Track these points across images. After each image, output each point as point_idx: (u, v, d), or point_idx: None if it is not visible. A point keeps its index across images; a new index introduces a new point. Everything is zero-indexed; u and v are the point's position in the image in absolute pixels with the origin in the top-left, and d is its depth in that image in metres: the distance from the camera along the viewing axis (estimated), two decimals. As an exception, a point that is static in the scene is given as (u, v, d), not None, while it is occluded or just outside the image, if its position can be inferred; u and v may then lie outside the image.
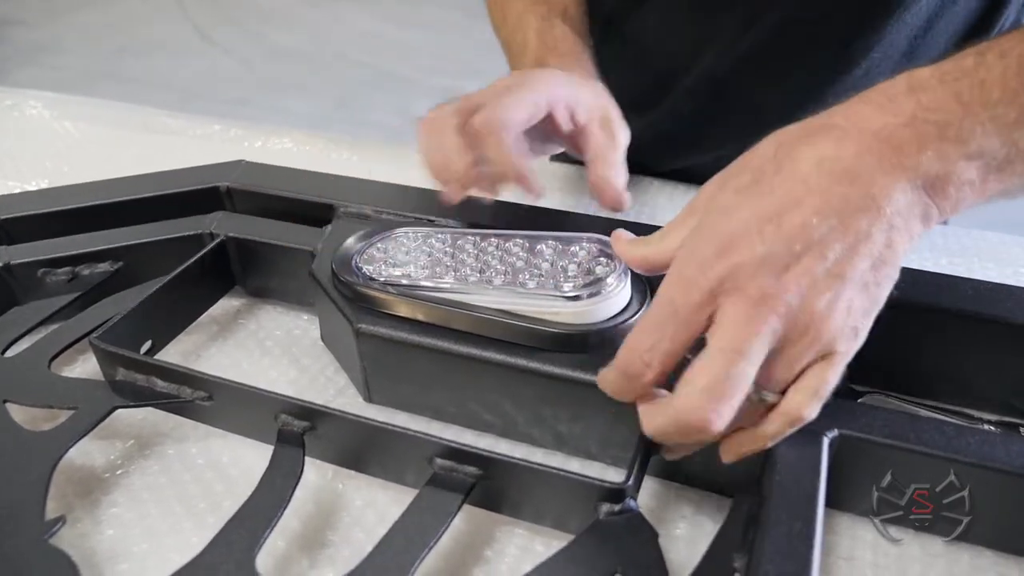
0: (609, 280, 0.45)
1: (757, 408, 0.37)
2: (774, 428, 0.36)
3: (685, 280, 0.35)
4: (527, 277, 0.46)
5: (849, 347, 0.36)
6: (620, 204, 0.52)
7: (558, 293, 0.45)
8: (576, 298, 0.44)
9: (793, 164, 0.35)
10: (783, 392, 0.36)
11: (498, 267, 0.47)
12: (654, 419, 0.36)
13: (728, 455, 0.38)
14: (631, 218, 0.55)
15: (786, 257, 0.34)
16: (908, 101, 0.35)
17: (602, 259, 0.47)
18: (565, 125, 0.52)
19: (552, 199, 0.73)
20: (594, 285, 0.45)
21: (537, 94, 0.51)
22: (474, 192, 0.51)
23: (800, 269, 0.34)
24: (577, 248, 0.48)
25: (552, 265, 0.47)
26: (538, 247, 0.49)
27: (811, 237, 0.34)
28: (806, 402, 0.36)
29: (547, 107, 0.51)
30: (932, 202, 0.35)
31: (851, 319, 0.35)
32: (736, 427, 0.37)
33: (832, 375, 0.36)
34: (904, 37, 0.63)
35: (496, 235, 0.51)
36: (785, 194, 0.35)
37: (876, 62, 0.64)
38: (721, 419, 0.34)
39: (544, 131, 0.53)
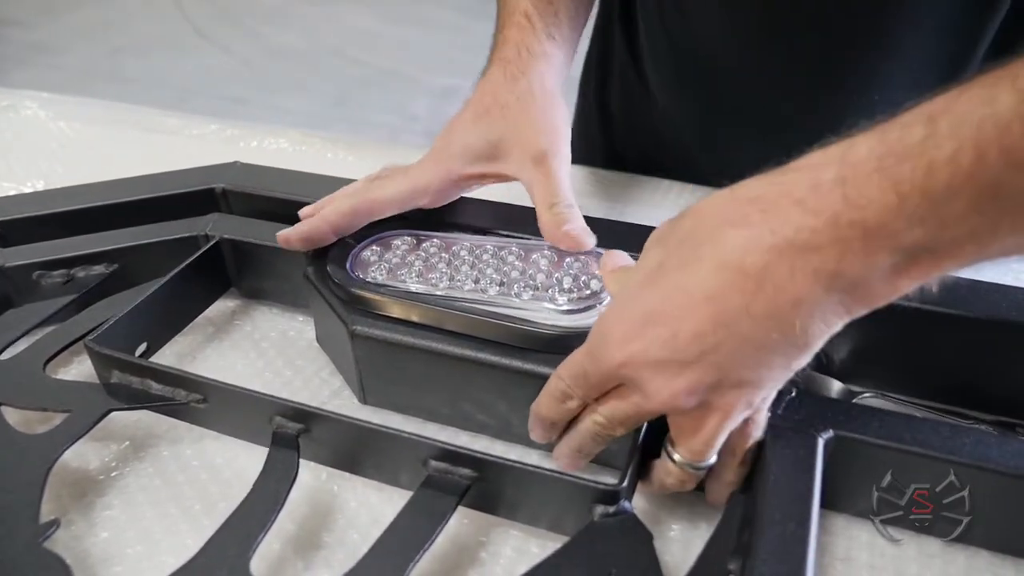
0: (604, 295, 0.45)
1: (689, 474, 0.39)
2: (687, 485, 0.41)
3: (593, 356, 0.38)
4: (522, 288, 0.46)
5: (741, 417, 0.37)
6: (582, 246, 0.49)
7: (552, 306, 0.45)
8: (570, 312, 0.45)
9: (698, 263, 0.34)
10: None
11: (493, 276, 0.48)
12: (566, 444, 0.42)
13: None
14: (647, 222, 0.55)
15: (678, 364, 0.34)
16: (833, 195, 0.30)
17: (598, 273, 0.47)
18: (491, 179, 0.54)
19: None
20: (589, 299, 0.45)
21: (424, 182, 0.53)
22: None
23: (693, 376, 0.34)
24: (572, 260, 0.48)
25: (547, 276, 0.47)
26: (533, 256, 0.49)
27: (704, 347, 0.33)
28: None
29: (445, 182, 0.53)
30: (854, 300, 0.32)
31: (744, 409, 0.37)
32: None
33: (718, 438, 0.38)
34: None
35: (493, 243, 0.51)
36: (684, 298, 0.34)
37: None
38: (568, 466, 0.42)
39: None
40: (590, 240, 0.49)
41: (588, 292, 0.46)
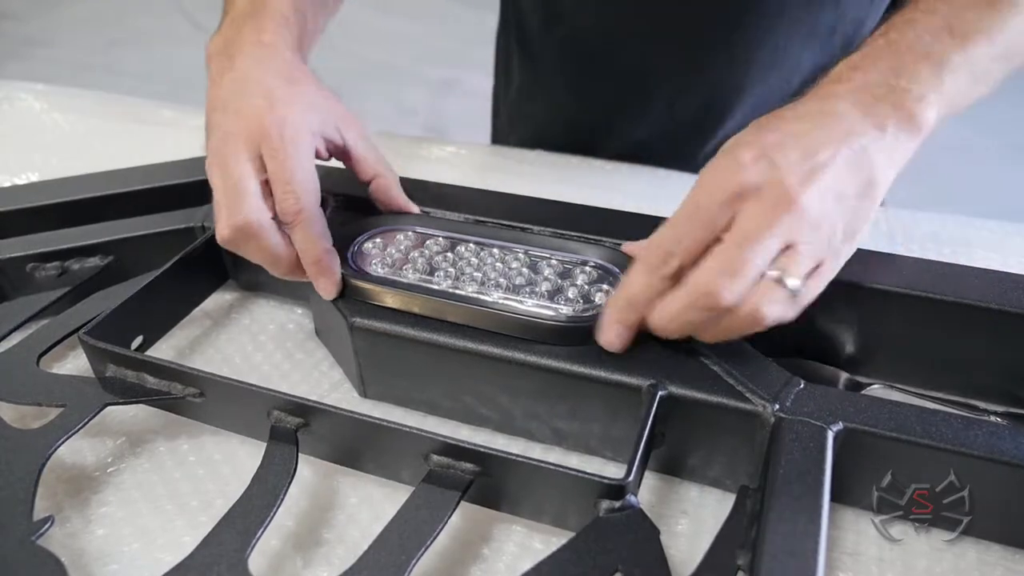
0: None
1: (772, 291, 0.39)
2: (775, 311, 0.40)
3: (712, 186, 0.40)
4: (526, 295, 0.46)
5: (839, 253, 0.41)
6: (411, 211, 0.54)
7: (554, 320, 0.44)
8: (571, 320, 0.44)
9: (790, 128, 0.41)
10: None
11: (500, 281, 0.47)
12: (670, 306, 0.40)
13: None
14: (631, 207, 0.54)
15: (805, 167, 0.39)
16: (855, 76, 0.43)
17: (604, 286, 0.46)
18: (324, 154, 0.52)
19: (560, 191, 0.72)
20: (591, 310, 0.45)
21: (309, 157, 0.49)
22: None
23: (819, 180, 0.39)
24: (579, 272, 0.48)
25: (552, 285, 0.47)
26: (539, 264, 0.48)
27: (819, 162, 0.40)
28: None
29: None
30: (899, 135, 0.42)
31: (840, 232, 0.40)
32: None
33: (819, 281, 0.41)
34: None
35: (499, 245, 0.50)
36: (818, 126, 0.41)
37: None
38: (732, 293, 0.38)
39: None
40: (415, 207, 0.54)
41: (590, 306, 0.45)
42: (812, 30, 0.69)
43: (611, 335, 0.42)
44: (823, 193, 0.39)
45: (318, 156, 0.51)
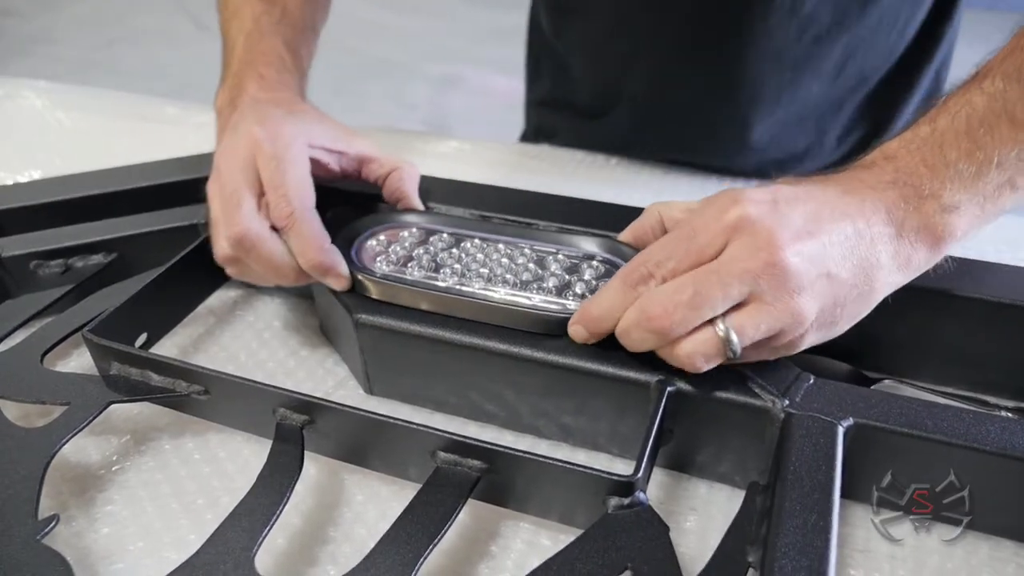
0: None
1: (712, 342, 0.38)
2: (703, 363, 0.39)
3: (710, 214, 0.39)
4: (532, 290, 0.46)
5: (809, 337, 0.39)
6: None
7: (562, 313, 0.44)
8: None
9: (808, 192, 0.40)
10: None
11: (506, 277, 0.47)
12: (624, 321, 0.40)
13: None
14: (636, 203, 0.54)
15: (805, 232, 0.38)
16: (887, 167, 0.41)
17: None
18: (335, 167, 0.54)
19: (565, 186, 0.71)
20: None
21: (303, 163, 0.49)
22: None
23: (812, 244, 0.37)
24: (585, 266, 0.47)
25: (559, 280, 0.46)
26: (546, 259, 0.48)
27: (821, 228, 0.38)
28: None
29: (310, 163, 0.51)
30: (916, 243, 0.39)
31: (814, 312, 0.38)
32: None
33: (783, 351, 0.40)
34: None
35: (505, 241, 0.50)
36: (834, 200, 0.39)
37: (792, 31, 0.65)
38: (675, 326, 0.37)
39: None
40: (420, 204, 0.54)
41: None
42: (820, 66, 0.68)
43: (574, 335, 0.42)
44: (809, 258, 0.37)
45: (327, 171, 0.53)
